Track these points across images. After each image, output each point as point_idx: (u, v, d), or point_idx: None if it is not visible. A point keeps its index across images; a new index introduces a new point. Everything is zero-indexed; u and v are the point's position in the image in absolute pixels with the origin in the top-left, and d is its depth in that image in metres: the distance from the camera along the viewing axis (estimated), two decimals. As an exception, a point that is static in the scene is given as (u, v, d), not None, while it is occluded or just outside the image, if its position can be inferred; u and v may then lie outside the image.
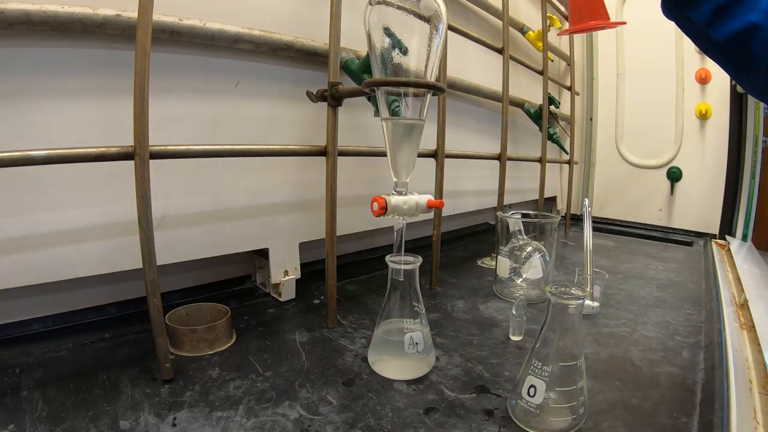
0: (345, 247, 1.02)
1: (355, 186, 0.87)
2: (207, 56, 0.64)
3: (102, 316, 0.68)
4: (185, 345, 0.58)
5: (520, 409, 0.45)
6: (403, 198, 0.49)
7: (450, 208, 1.14)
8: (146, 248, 0.48)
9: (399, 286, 0.54)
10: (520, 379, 0.46)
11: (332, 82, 0.64)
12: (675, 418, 0.48)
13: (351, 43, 0.73)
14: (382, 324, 0.55)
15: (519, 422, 0.45)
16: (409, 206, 0.49)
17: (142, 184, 0.47)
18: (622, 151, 1.78)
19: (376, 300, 0.81)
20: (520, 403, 0.45)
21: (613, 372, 0.57)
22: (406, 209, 0.49)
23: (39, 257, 0.54)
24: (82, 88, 0.54)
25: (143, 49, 0.46)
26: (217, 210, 0.68)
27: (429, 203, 0.51)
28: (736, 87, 1.42)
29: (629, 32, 1.68)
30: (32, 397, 0.47)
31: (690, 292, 0.94)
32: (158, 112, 0.57)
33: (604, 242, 1.46)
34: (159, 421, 0.44)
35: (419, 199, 0.50)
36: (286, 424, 0.44)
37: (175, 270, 0.74)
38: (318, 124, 0.74)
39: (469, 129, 1.19)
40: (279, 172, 0.74)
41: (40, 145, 0.44)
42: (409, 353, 0.53)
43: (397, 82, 0.47)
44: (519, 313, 0.66)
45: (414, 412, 0.47)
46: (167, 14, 0.55)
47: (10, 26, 0.46)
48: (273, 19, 0.68)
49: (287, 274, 0.78)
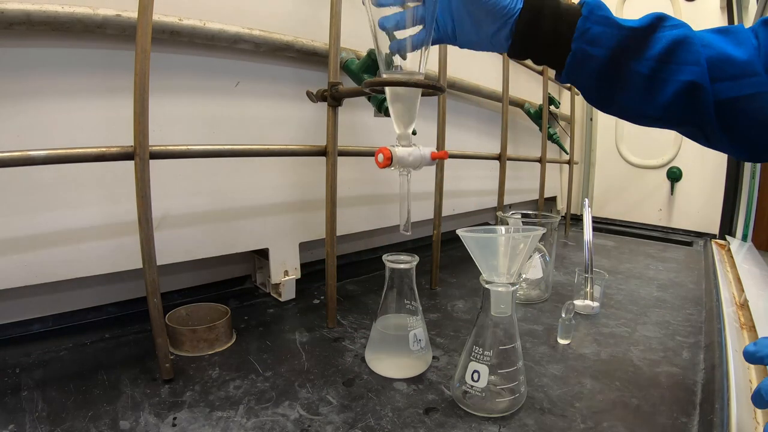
0: (345, 247, 1.02)
1: (355, 186, 0.87)
2: (207, 56, 0.64)
3: (102, 316, 0.68)
4: (185, 345, 0.58)
5: (466, 394, 0.47)
6: (408, 149, 0.49)
7: (450, 208, 1.14)
8: (146, 248, 0.48)
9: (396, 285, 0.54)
10: (463, 366, 0.48)
11: (332, 82, 0.64)
12: (675, 418, 0.48)
13: (351, 43, 0.73)
14: (380, 320, 0.55)
15: (466, 408, 0.47)
16: (414, 158, 0.49)
17: (142, 184, 0.47)
18: (622, 151, 1.78)
19: (376, 300, 0.80)
20: (464, 388, 0.47)
21: (613, 372, 0.57)
22: (411, 161, 0.49)
23: (39, 257, 0.54)
24: (83, 88, 0.54)
25: (143, 49, 0.46)
26: (217, 210, 0.68)
27: (432, 155, 0.51)
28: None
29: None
30: (32, 397, 0.47)
31: (690, 292, 0.94)
32: (158, 112, 0.57)
33: (604, 242, 1.46)
34: (159, 421, 0.44)
35: (423, 152, 0.50)
36: (286, 424, 0.44)
37: (175, 270, 0.74)
38: (318, 124, 0.74)
39: (469, 129, 1.19)
40: (279, 172, 0.74)
41: (40, 145, 0.44)
42: (413, 350, 0.53)
43: (397, 82, 0.47)
44: (568, 317, 0.65)
45: (414, 412, 0.47)
46: (167, 14, 0.55)
47: (10, 26, 0.46)
48: (273, 19, 0.68)
49: (287, 274, 0.78)
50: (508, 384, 0.47)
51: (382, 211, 0.95)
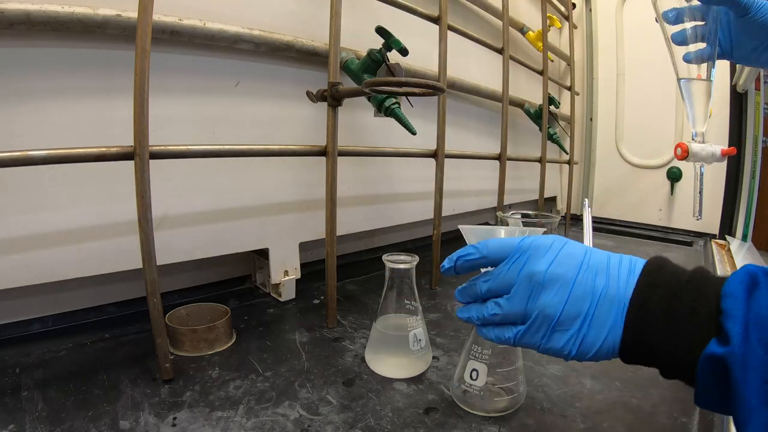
0: (345, 247, 1.02)
1: (355, 186, 0.87)
2: (207, 56, 0.64)
3: (102, 316, 0.68)
4: (185, 345, 0.58)
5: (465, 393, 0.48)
6: (702, 145, 0.59)
7: (450, 208, 1.14)
8: (146, 248, 0.48)
9: (396, 285, 0.54)
10: (462, 365, 0.48)
11: (332, 82, 0.64)
12: (675, 418, 0.48)
13: (351, 43, 0.73)
14: (380, 320, 0.55)
15: (465, 407, 0.48)
16: (707, 153, 0.59)
17: (142, 184, 0.47)
18: (622, 151, 1.78)
19: (376, 300, 0.80)
20: (464, 387, 0.48)
21: (613, 372, 0.57)
22: (704, 155, 0.59)
23: (39, 257, 0.54)
24: (82, 88, 0.54)
25: (143, 49, 0.46)
26: (217, 210, 0.68)
27: (723, 151, 0.61)
28: (736, 87, 1.42)
29: (629, 32, 1.68)
30: (32, 397, 0.47)
31: (690, 292, 0.94)
32: (158, 112, 0.57)
33: (604, 242, 1.46)
34: (159, 421, 0.44)
35: (714, 149, 0.60)
36: (286, 424, 0.44)
37: (175, 270, 0.74)
38: (318, 124, 0.74)
39: (469, 129, 1.19)
40: (279, 171, 0.74)
41: (39, 145, 0.44)
42: (413, 350, 0.53)
43: (398, 81, 0.47)
44: None
45: (414, 412, 0.47)
46: (167, 14, 0.55)
47: (10, 26, 0.46)
48: (273, 19, 0.68)
49: (287, 274, 0.78)
50: (507, 384, 0.47)
51: (382, 211, 0.95)
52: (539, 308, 0.34)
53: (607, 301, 0.33)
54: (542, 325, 0.34)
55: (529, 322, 0.35)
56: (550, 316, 0.34)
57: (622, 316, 0.32)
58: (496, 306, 0.37)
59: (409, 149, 0.84)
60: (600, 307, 0.33)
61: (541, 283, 0.34)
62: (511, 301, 0.36)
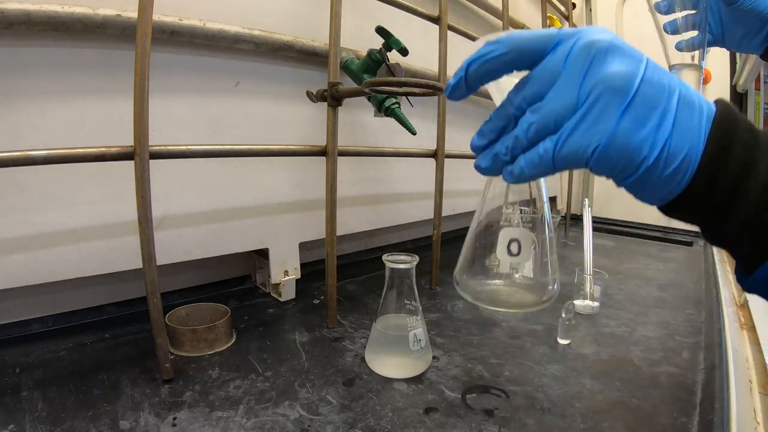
0: (345, 247, 1.02)
1: (355, 186, 0.87)
2: (207, 56, 0.63)
3: (102, 316, 0.68)
4: (185, 345, 0.58)
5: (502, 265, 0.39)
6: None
7: (450, 208, 1.14)
8: (146, 248, 0.48)
9: (396, 285, 0.54)
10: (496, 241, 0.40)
11: (332, 82, 0.64)
12: (675, 419, 0.48)
13: (351, 43, 0.73)
14: (380, 320, 0.55)
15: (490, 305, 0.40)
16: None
17: (142, 184, 0.47)
18: (622, 151, 1.78)
19: (376, 300, 0.80)
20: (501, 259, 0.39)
21: (613, 372, 0.57)
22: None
23: (39, 257, 0.54)
24: (82, 88, 0.54)
25: (143, 49, 0.46)
26: (217, 210, 0.68)
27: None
28: (736, 87, 1.42)
29: (629, 32, 1.68)
30: (32, 397, 0.47)
31: (690, 292, 0.94)
32: (158, 112, 0.57)
33: (604, 242, 1.46)
34: (159, 421, 0.44)
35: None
36: (286, 424, 0.44)
37: (175, 270, 0.74)
38: (318, 124, 0.74)
39: (469, 129, 1.18)
40: (279, 172, 0.74)
41: (39, 145, 0.45)
42: (413, 350, 0.53)
43: (398, 81, 0.47)
44: (568, 316, 0.65)
45: (414, 412, 0.47)
46: (167, 14, 0.55)
47: (10, 26, 0.46)
48: (273, 19, 0.68)
49: (287, 274, 0.78)
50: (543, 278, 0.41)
51: (382, 211, 0.95)
52: (604, 79, 0.24)
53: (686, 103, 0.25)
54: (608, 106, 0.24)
55: (586, 105, 0.24)
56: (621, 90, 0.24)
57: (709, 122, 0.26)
58: (533, 114, 0.26)
59: (409, 149, 0.84)
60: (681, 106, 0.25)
61: (604, 50, 0.24)
62: (557, 90, 0.25)
